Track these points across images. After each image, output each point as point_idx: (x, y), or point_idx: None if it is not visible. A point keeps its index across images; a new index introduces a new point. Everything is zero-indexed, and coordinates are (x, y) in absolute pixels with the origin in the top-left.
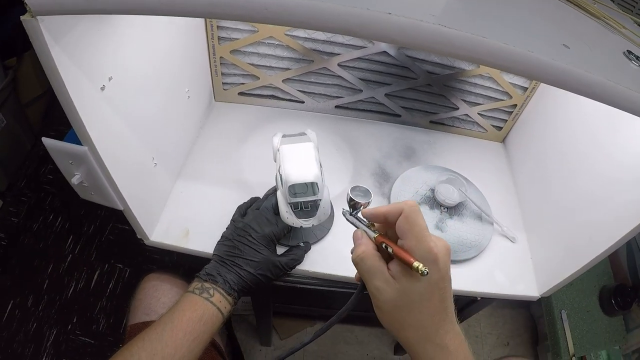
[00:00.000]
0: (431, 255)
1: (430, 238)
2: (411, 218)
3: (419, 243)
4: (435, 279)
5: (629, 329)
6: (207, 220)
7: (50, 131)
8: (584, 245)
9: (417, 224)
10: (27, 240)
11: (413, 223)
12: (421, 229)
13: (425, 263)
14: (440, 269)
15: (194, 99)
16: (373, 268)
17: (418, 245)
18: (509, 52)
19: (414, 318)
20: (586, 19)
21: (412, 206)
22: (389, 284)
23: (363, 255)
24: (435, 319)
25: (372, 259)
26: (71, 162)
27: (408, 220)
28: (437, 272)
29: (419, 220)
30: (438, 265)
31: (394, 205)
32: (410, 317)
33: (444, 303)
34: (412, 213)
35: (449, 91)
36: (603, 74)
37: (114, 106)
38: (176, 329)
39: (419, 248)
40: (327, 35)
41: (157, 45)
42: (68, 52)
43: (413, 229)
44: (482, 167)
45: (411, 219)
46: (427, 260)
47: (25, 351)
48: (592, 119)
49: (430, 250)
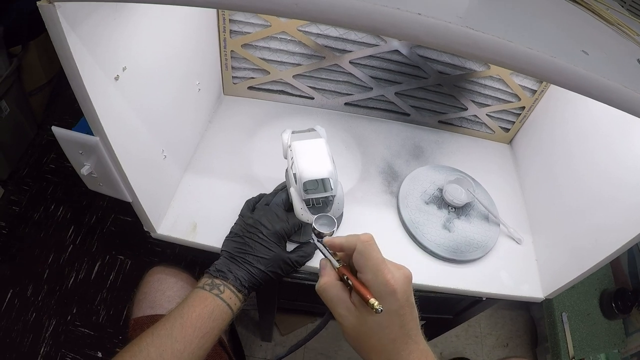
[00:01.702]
0: (388, 288)
1: (388, 270)
2: (365, 253)
3: (375, 277)
4: (394, 308)
5: (629, 332)
6: (214, 214)
7: (53, 120)
8: (589, 249)
9: (372, 257)
10: (28, 230)
11: (367, 258)
12: (376, 263)
13: (383, 295)
14: (399, 299)
15: (204, 92)
16: (335, 298)
17: (375, 279)
18: (533, 56)
19: (375, 343)
20: (601, 25)
21: (365, 242)
22: (351, 312)
23: (325, 286)
24: (397, 343)
25: (334, 289)
26: (81, 153)
27: (363, 255)
28: (395, 302)
29: (373, 254)
30: (396, 296)
31: (348, 238)
32: (372, 342)
33: (404, 328)
34: (366, 249)
35: (459, 91)
36: (620, 80)
37: (126, 97)
38: (186, 324)
39: (376, 282)
40: (339, 32)
41: (170, 37)
42: (84, 40)
43: (368, 263)
44: (489, 168)
45: (365, 254)
46: (385, 293)
47: (24, 341)
48: (602, 123)
49: (387, 283)
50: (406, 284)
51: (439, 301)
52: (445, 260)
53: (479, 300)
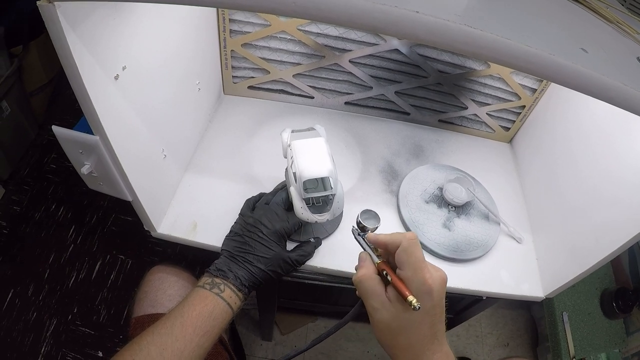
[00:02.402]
0: (426, 287)
1: (427, 269)
2: (409, 250)
3: (415, 274)
4: (428, 307)
5: (629, 332)
6: (214, 213)
7: (54, 120)
8: (590, 248)
9: (415, 256)
10: (28, 229)
11: (410, 255)
12: (418, 261)
13: (419, 293)
14: (434, 298)
15: (204, 92)
16: (371, 290)
17: (414, 277)
18: (531, 54)
19: (404, 340)
20: (601, 23)
21: (410, 239)
22: (384, 307)
23: (363, 278)
24: (424, 342)
25: (372, 282)
26: (81, 152)
27: (406, 252)
28: (430, 301)
29: (416, 253)
30: (432, 295)
31: (394, 235)
32: (400, 339)
33: (433, 328)
34: (410, 246)
35: (459, 91)
36: (619, 78)
37: (126, 96)
38: (186, 323)
39: (415, 279)
40: (339, 31)
41: (170, 37)
42: (84, 40)
43: (410, 260)
44: (489, 167)
45: (409, 251)
46: (422, 291)
47: (25, 340)
48: (602, 121)
49: (425, 282)
50: (442, 285)
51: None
52: (446, 259)
53: (479, 300)
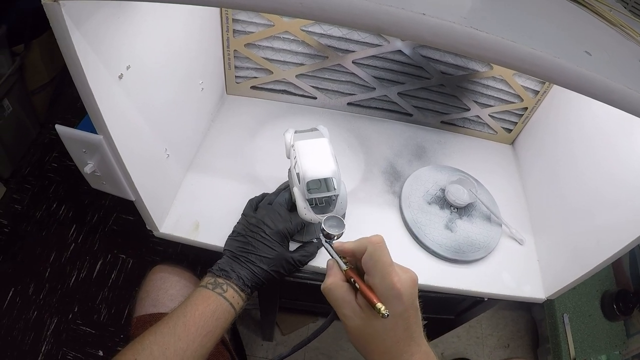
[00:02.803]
0: (394, 291)
1: (395, 273)
2: (375, 255)
3: (382, 280)
4: (399, 311)
5: (630, 334)
6: (217, 213)
7: (56, 119)
8: (591, 249)
9: (381, 261)
10: (29, 228)
11: (376, 260)
12: (385, 266)
13: (389, 298)
14: (404, 302)
15: (207, 92)
16: (341, 299)
17: (382, 282)
18: (536, 57)
19: (380, 345)
20: (604, 26)
21: (376, 243)
22: (356, 314)
23: (332, 286)
24: (400, 345)
25: (340, 290)
26: (85, 151)
27: (372, 258)
28: (401, 305)
29: (382, 257)
30: (402, 299)
31: (360, 241)
32: (376, 344)
33: (408, 330)
34: (376, 251)
35: (462, 92)
36: (623, 81)
37: (130, 95)
38: (189, 323)
39: (383, 285)
40: (342, 32)
41: (174, 36)
42: (88, 39)
43: (377, 266)
44: (491, 169)
45: (375, 257)
46: (391, 296)
47: (25, 339)
48: (605, 123)
49: (393, 286)
50: (412, 287)
51: (440, 301)
52: (447, 260)
53: (481, 301)
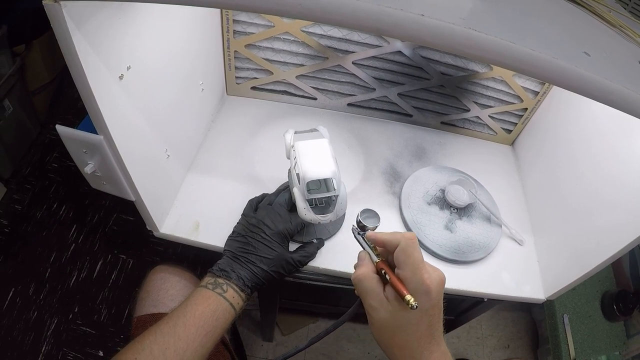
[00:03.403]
0: (424, 287)
1: (425, 270)
2: (408, 250)
3: (413, 274)
4: (426, 308)
5: (630, 334)
6: (217, 213)
7: (56, 119)
8: (591, 250)
9: (413, 256)
10: (30, 228)
11: (409, 255)
12: (416, 261)
13: (417, 293)
14: (432, 298)
15: (207, 92)
16: (370, 289)
17: (413, 277)
18: (535, 58)
19: (401, 339)
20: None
21: (409, 239)
22: (383, 305)
23: (362, 276)
24: (422, 342)
25: (370, 281)
26: (85, 151)
27: (405, 252)
28: (429, 301)
29: (415, 253)
30: (430, 295)
31: (393, 235)
32: (398, 338)
33: (431, 328)
34: (409, 246)
35: (461, 93)
36: (622, 81)
37: (130, 96)
38: (189, 323)
39: (413, 279)
40: (342, 33)
41: (174, 37)
42: (89, 39)
43: (408, 260)
44: (491, 170)
45: (408, 251)
46: (420, 291)
47: (26, 339)
48: (604, 124)
49: (423, 282)
50: (440, 285)
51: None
52: (447, 260)
53: (481, 301)
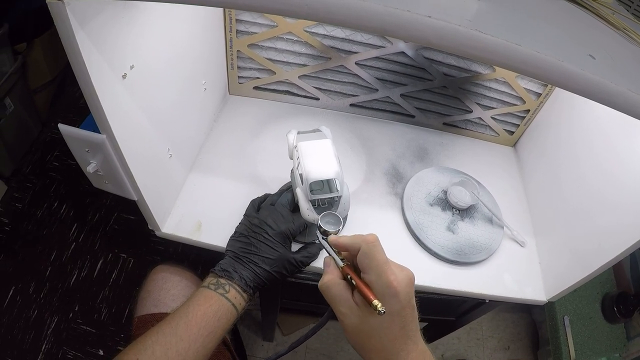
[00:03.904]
0: (391, 290)
1: (391, 271)
2: (370, 254)
3: (378, 278)
4: (396, 309)
5: (630, 337)
6: (219, 213)
7: (57, 118)
8: (593, 252)
9: (376, 259)
10: (30, 227)
11: (371, 259)
12: (380, 264)
13: (385, 296)
14: (401, 300)
15: (210, 92)
16: (338, 296)
17: (378, 280)
18: (540, 60)
19: (376, 343)
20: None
21: (370, 242)
22: (352, 311)
23: (328, 284)
24: (396, 343)
25: (337, 288)
26: (87, 150)
27: (367, 256)
28: (398, 303)
29: (377, 256)
30: (398, 297)
31: (353, 238)
32: (372, 342)
33: (405, 329)
34: (370, 250)
35: (464, 94)
36: (626, 85)
37: (133, 95)
38: (191, 323)
39: (379, 283)
40: (346, 33)
41: (177, 36)
42: (92, 38)
43: (372, 264)
44: (493, 171)
45: (370, 255)
46: (387, 294)
47: (26, 338)
48: (607, 126)
49: (390, 284)
50: (409, 285)
51: (441, 303)
52: (449, 262)
53: (482, 303)
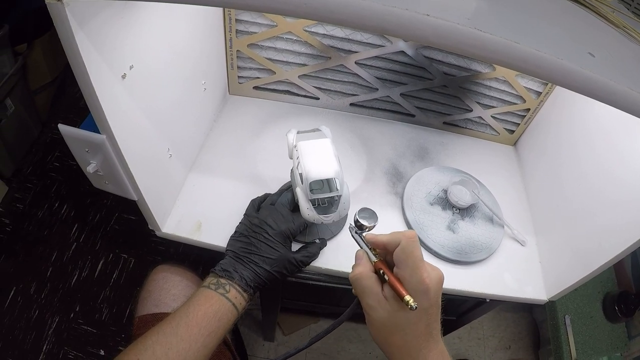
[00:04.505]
0: (423, 286)
1: (424, 269)
2: (408, 250)
3: (412, 274)
4: (425, 307)
5: (631, 336)
6: (219, 213)
7: (58, 119)
8: (594, 251)
9: (413, 255)
10: (31, 227)
11: (409, 254)
12: (416, 260)
13: (416, 293)
14: (430, 298)
15: (210, 92)
16: (368, 288)
17: (412, 276)
18: (540, 58)
19: (400, 338)
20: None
21: (409, 238)
22: (381, 305)
23: (360, 276)
24: (420, 340)
25: (368, 280)
26: (87, 151)
27: (404, 252)
28: (427, 300)
29: (415, 252)
30: (429, 295)
31: (393, 235)
32: (396, 337)
33: (429, 327)
34: (409, 245)
35: (464, 93)
36: (626, 83)
37: (133, 95)
38: (191, 323)
39: (412, 279)
40: (345, 33)
41: (177, 36)
42: (92, 39)
43: (408, 260)
44: (493, 170)
45: (407, 251)
46: (419, 291)
47: (27, 338)
48: (607, 124)
49: (422, 281)
50: (439, 284)
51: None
52: (449, 261)
53: (483, 302)
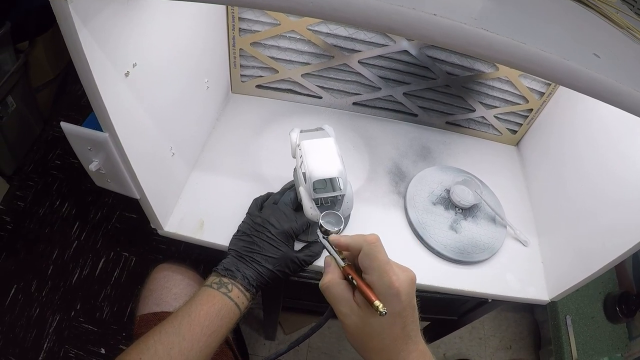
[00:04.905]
0: (393, 290)
1: (393, 272)
2: (371, 255)
3: (380, 278)
4: (398, 310)
5: (632, 336)
6: (222, 212)
7: (59, 116)
8: (596, 251)
9: (378, 259)
10: (32, 225)
11: (373, 259)
12: (381, 265)
13: (387, 297)
14: (402, 301)
15: (212, 90)
16: (339, 296)
17: (379, 281)
18: (545, 58)
19: (377, 343)
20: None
21: (371, 243)
22: (353, 312)
23: (329, 284)
24: (398, 343)
25: (338, 288)
26: (90, 149)
27: (368, 257)
28: (399, 304)
29: (379, 256)
30: (400, 298)
31: (355, 238)
32: (374, 342)
33: (406, 329)
34: (372, 250)
35: (467, 93)
36: (631, 84)
37: (136, 93)
38: (193, 322)
39: (381, 283)
40: (349, 32)
41: (180, 34)
42: (95, 36)
43: (373, 264)
44: (496, 170)
45: (371, 256)
46: (389, 295)
47: (27, 336)
48: (610, 124)
49: (391, 285)
50: (410, 286)
51: (444, 302)
52: (452, 261)
53: (484, 302)
